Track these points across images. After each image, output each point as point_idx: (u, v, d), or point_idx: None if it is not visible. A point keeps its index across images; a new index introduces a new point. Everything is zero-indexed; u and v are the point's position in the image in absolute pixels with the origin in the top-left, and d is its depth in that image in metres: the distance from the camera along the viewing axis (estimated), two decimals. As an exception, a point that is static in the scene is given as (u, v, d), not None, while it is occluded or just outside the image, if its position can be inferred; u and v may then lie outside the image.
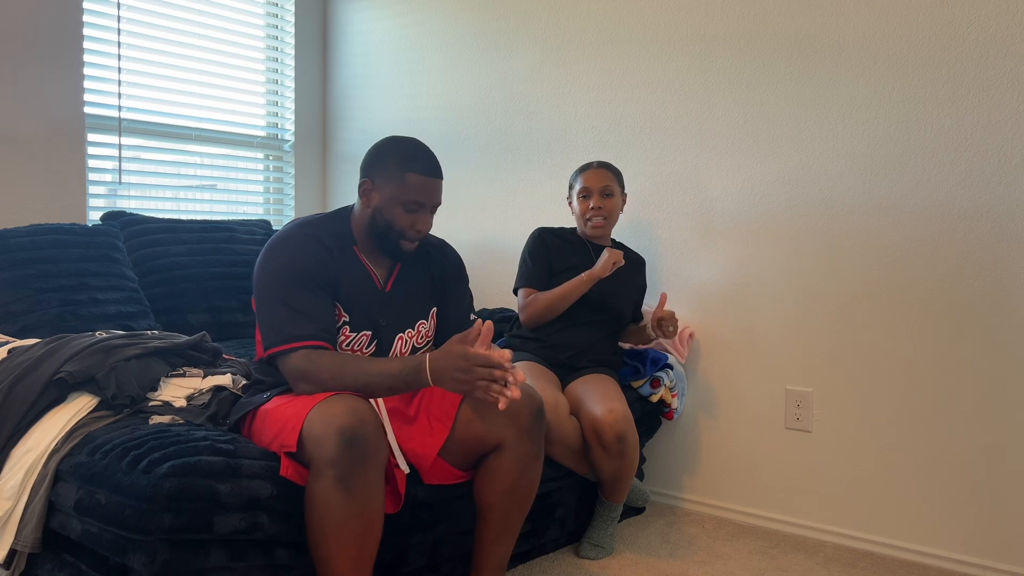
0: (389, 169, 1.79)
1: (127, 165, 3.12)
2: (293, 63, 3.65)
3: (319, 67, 3.75)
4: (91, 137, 2.99)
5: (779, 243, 2.58)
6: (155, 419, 1.77)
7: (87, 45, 2.94)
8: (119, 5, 3.02)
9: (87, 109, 2.96)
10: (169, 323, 2.67)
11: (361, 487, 1.54)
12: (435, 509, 1.91)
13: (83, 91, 2.91)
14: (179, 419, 1.79)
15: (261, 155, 3.62)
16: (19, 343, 2.01)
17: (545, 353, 2.48)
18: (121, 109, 3.06)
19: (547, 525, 2.29)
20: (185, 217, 3.21)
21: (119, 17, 3.03)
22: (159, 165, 3.25)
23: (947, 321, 2.31)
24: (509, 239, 3.18)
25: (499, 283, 3.18)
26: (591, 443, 2.24)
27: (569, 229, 2.65)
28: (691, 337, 2.73)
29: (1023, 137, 2.20)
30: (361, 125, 3.63)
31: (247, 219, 3.23)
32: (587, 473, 2.33)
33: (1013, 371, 2.23)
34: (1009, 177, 2.22)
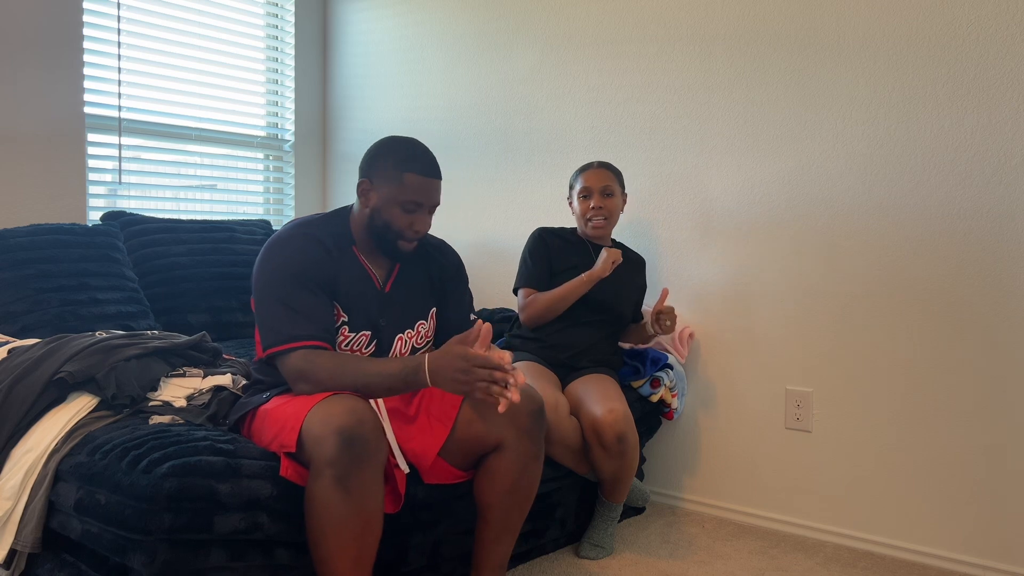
0: (387, 169, 1.79)
1: (127, 165, 3.12)
2: (293, 63, 3.65)
3: (319, 67, 3.75)
4: (91, 137, 2.99)
5: (779, 243, 2.58)
6: (155, 419, 1.77)
7: (87, 45, 2.94)
8: (119, 5, 3.02)
9: (87, 109, 2.95)
10: (169, 323, 2.67)
11: (360, 487, 1.54)
12: (435, 509, 1.91)
13: (83, 91, 2.91)
14: (179, 419, 1.79)
15: (261, 155, 3.62)
16: (19, 343, 2.01)
17: (545, 353, 2.48)
18: (121, 109, 3.06)
19: (547, 525, 2.29)
20: (185, 217, 3.21)
21: (119, 17, 3.03)
22: (159, 165, 3.25)
23: (947, 321, 2.31)
24: (509, 239, 3.18)
25: (499, 283, 3.18)
26: (591, 443, 2.24)
27: (569, 229, 2.65)
28: (691, 337, 2.73)
29: (1023, 137, 2.20)
30: (361, 125, 3.63)
31: (247, 219, 3.23)
32: (587, 473, 2.33)
33: (1013, 371, 2.23)
34: (1009, 177, 2.22)
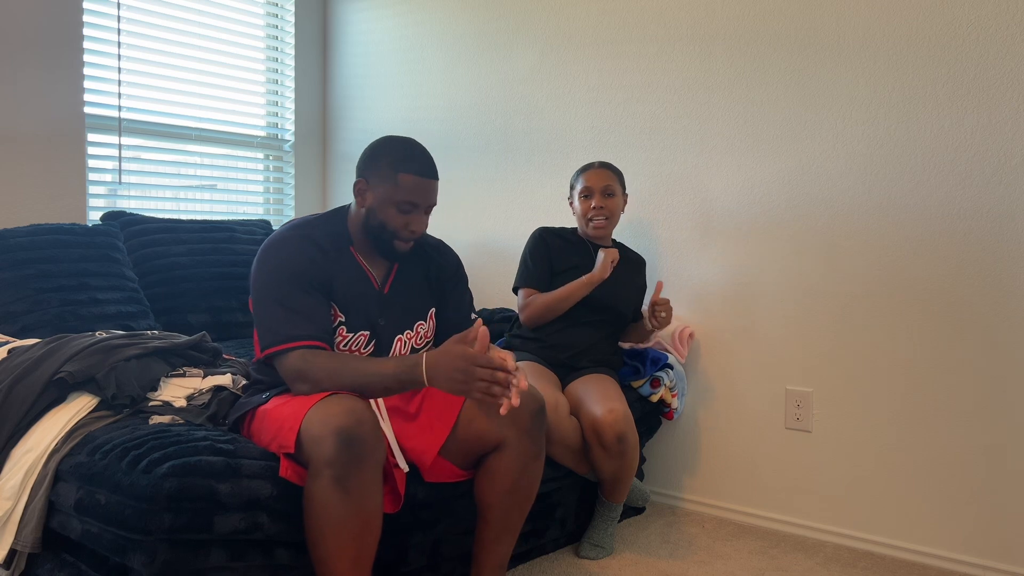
0: (383, 169, 1.79)
1: (127, 165, 3.12)
2: (293, 63, 3.65)
3: (319, 67, 3.75)
4: (91, 137, 2.99)
5: (779, 243, 2.58)
6: (155, 419, 1.77)
7: (87, 45, 2.94)
8: (119, 5, 3.02)
9: (87, 109, 2.95)
10: (169, 323, 2.67)
11: (358, 487, 1.53)
12: (435, 508, 1.91)
13: (83, 91, 2.91)
14: (179, 419, 1.79)
15: (261, 155, 3.62)
16: (19, 343, 2.01)
17: (545, 353, 2.48)
18: (121, 109, 3.06)
19: (547, 525, 2.29)
20: (185, 217, 3.21)
21: (119, 17, 3.03)
22: (159, 165, 3.25)
23: (947, 321, 2.31)
24: (509, 239, 3.18)
25: (499, 283, 3.18)
26: (591, 443, 2.24)
27: (570, 229, 2.65)
28: (691, 337, 2.73)
29: (1023, 137, 2.20)
30: (361, 125, 3.63)
31: (247, 219, 3.23)
32: (587, 473, 2.33)
33: (1013, 371, 2.23)
34: (1009, 177, 2.22)
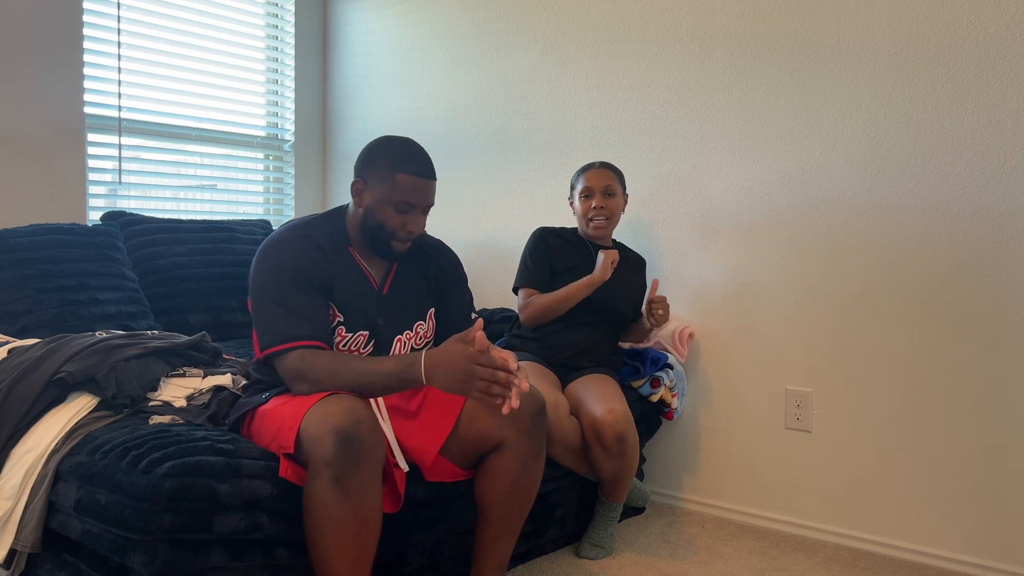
0: (380, 169, 1.78)
1: (127, 165, 3.12)
2: (293, 63, 3.65)
3: (319, 67, 3.75)
4: (91, 137, 2.99)
5: (779, 243, 2.58)
6: (155, 419, 1.77)
7: (87, 45, 2.94)
8: (119, 5, 3.02)
9: (87, 109, 2.95)
10: (169, 323, 2.67)
11: (357, 487, 1.53)
12: (435, 508, 1.91)
13: (83, 91, 2.91)
14: (179, 419, 1.79)
15: (261, 155, 3.62)
16: (19, 343, 2.01)
17: (545, 353, 2.48)
18: (121, 109, 3.06)
19: (547, 525, 2.29)
20: (185, 217, 3.21)
21: (119, 17, 3.03)
22: (159, 165, 3.25)
23: (947, 321, 2.31)
24: (509, 239, 3.18)
25: (499, 283, 3.18)
26: (591, 443, 2.24)
27: (570, 229, 2.65)
28: (691, 337, 2.73)
29: (1023, 137, 2.20)
30: (361, 125, 3.63)
31: (247, 219, 3.23)
32: (587, 473, 2.33)
33: (1013, 371, 2.23)
34: (1009, 177, 2.22)
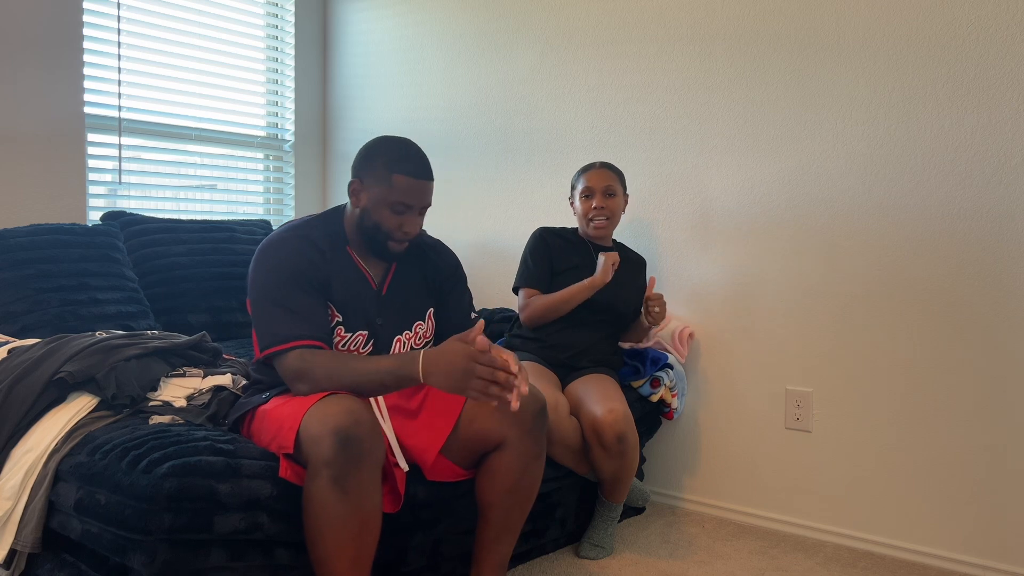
0: (377, 170, 1.78)
1: (127, 165, 3.12)
2: (293, 63, 3.65)
3: (319, 67, 3.75)
4: (91, 137, 2.99)
5: (779, 243, 2.58)
6: (155, 419, 1.77)
7: (87, 45, 2.94)
8: (119, 5, 3.02)
9: (87, 109, 2.95)
10: (169, 323, 2.67)
11: (357, 487, 1.53)
12: (435, 508, 1.91)
13: (83, 91, 2.91)
14: (179, 419, 1.79)
15: (261, 155, 3.62)
16: (19, 343, 2.01)
17: (545, 353, 2.48)
18: (121, 109, 3.06)
19: (547, 525, 2.29)
20: (185, 217, 3.21)
21: (119, 17, 3.03)
22: (159, 165, 3.25)
23: (947, 321, 2.31)
24: (509, 239, 3.18)
25: (499, 283, 3.18)
26: (591, 443, 2.24)
27: (570, 229, 2.65)
28: (691, 337, 2.73)
29: (1023, 137, 2.20)
30: (361, 125, 3.63)
31: (247, 219, 3.23)
32: (587, 473, 2.33)
33: (1013, 371, 2.23)
34: (1009, 177, 2.22)
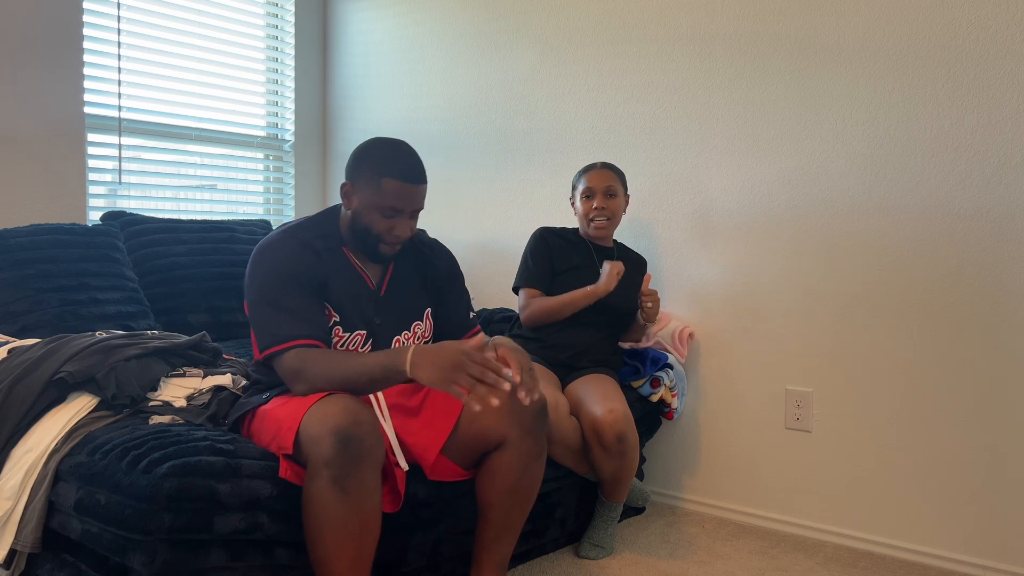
0: (367, 173, 1.77)
1: (127, 165, 3.12)
2: (293, 63, 3.64)
3: (319, 67, 3.75)
4: (91, 137, 2.99)
5: (779, 243, 2.58)
6: (155, 419, 1.77)
7: (87, 45, 2.94)
8: (119, 5, 3.02)
9: (87, 109, 2.95)
10: (169, 323, 2.67)
11: (357, 487, 1.53)
12: (435, 508, 1.91)
13: (83, 91, 2.91)
14: (179, 419, 1.79)
15: (261, 155, 3.62)
16: (19, 343, 2.01)
17: (545, 353, 2.48)
18: (121, 109, 3.06)
19: (547, 525, 2.29)
20: (185, 217, 3.21)
21: (119, 17, 3.03)
22: (159, 165, 3.25)
23: (947, 321, 2.31)
24: (509, 239, 3.18)
25: (499, 283, 3.18)
26: (591, 443, 2.24)
27: (571, 229, 2.65)
28: (691, 337, 2.73)
29: (1023, 137, 2.20)
30: (361, 125, 3.63)
31: (247, 219, 3.23)
32: (587, 473, 2.33)
33: (1013, 371, 2.23)
34: (1009, 177, 2.22)
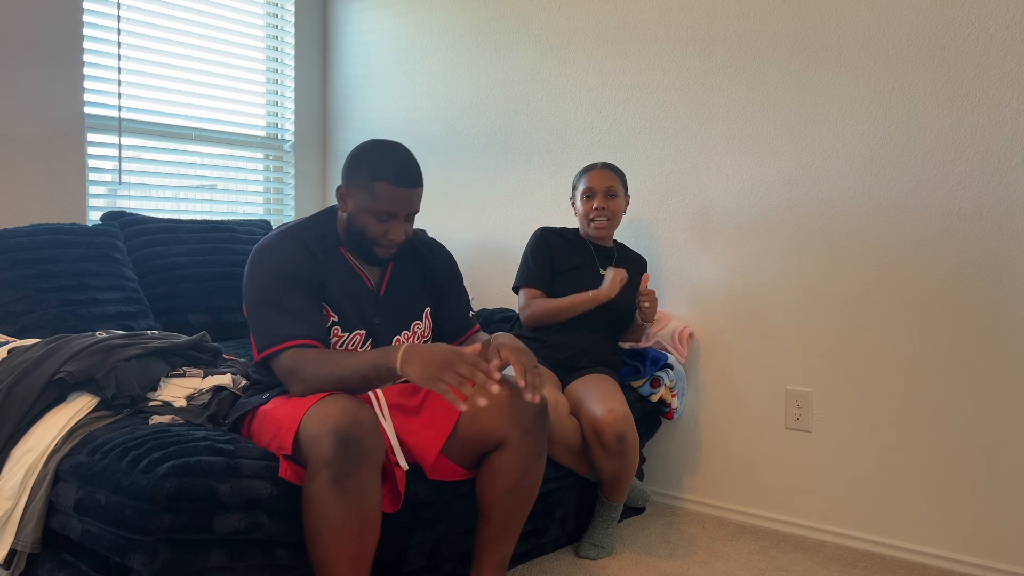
0: (361, 177, 1.77)
1: (127, 165, 3.12)
2: (293, 63, 3.64)
3: (319, 67, 3.75)
4: (91, 137, 2.99)
5: (779, 243, 2.58)
6: (155, 419, 1.77)
7: (87, 45, 2.94)
8: (119, 5, 3.02)
9: (87, 109, 2.95)
10: (169, 323, 2.67)
11: (357, 487, 1.53)
12: (435, 508, 1.91)
13: (83, 91, 2.91)
14: (179, 419, 1.79)
15: (261, 155, 3.62)
16: (19, 343, 2.01)
17: (545, 353, 2.48)
18: (121, 109, 3.06)
19: (547, 525, 2.29)
20: (185, 217, 3.21)
21: (119, 17, 3.03)
22: (159, 165, 3.25)
23: (947, 321, 2.31)
24: (509, 239, 3.18)
25: (499, 283, 3.18)
26: (591, 443, 2.24)
27: (571, 229, 2.65)
28: (691, 337, 2.73)
29: (1023, 137, 2.20)
30: (361, 125, 3.63)
31: (247, 219, 3.22)
32: (587, 473, 2.33)
33: (1013, 371, 2.23)
34: (1009, 177, 2.22)
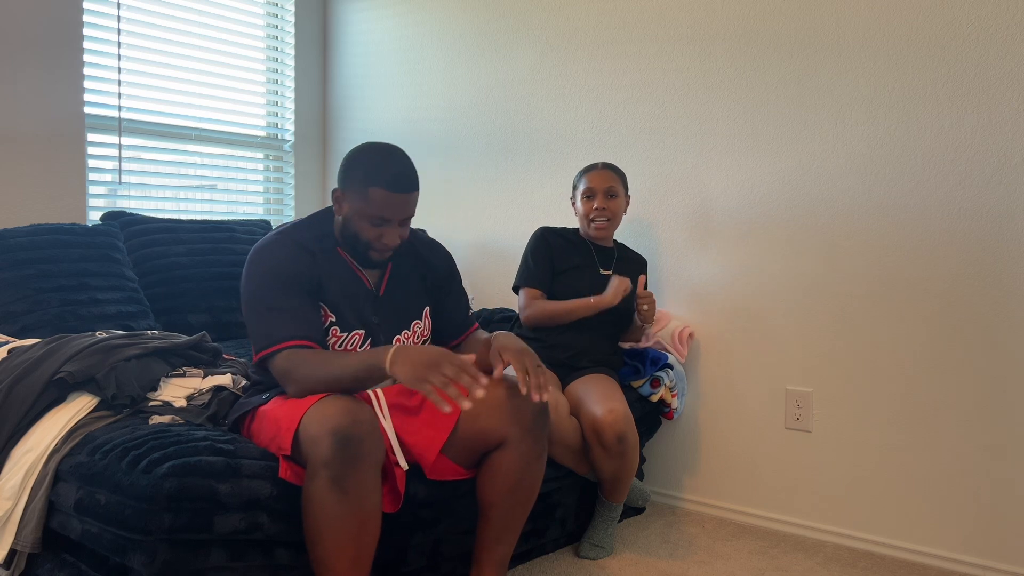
0: (355, 181, 1.77)
1: (127, 165, 3.12)
2: (293, 63, 3.64)
3: (319, 67, 3.75)
4: (91, 137, 2.99)
5: (779, 243, 2.58)
6: (155, 419, 1.77)
7: (87, 45, 2.94)
8: (119, 5, 3.02)
9: (87, 109, 2.95)
10: (169, 323, 2.67)
11: (356, 487, 1.53)
12: (435, 508, 1.91)
13: (83, 91, 2.91)
14: (179, 419, 1.79)
15: (261, 155, 3.62)
16: (19, 343, 2.01)
17: (545, 353, 2.48)
18: (121, 109, 3.06)
19: (547, 525, 2.29)
20: (185, 217, 3.21)
21: (119, 17, 3.03)
22: (159, 165, 3.25)
23: (947, 321, 2.31)
24: (509, 239, 3.18)
25: (499, 283, 3.18)
26: (591, 443, 2.24)
27: (572, 229, 2.65)
28: (691, 337, 2.73)
29: (1023, 137, 2.20)
30: (361, 125, 3.63)
31: (247, 219, 3.22)
32: (587, 473, 2.33)
33: (1013, 371, 2.23)
34: (1009, 177, 2.22)
